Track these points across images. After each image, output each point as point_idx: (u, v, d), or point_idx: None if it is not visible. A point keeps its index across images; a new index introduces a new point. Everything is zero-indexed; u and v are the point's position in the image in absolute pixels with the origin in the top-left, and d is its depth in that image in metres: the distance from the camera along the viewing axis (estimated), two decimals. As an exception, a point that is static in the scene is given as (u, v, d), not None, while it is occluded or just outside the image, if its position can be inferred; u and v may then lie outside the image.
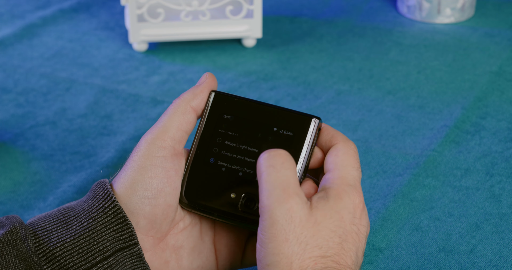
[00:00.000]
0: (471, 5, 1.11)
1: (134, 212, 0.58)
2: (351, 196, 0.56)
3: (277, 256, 0.53)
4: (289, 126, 0.59)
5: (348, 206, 0.55)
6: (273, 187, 0.54)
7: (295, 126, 0.59)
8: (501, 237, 0.71)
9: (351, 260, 0.55)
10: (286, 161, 0.55)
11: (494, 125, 0.87)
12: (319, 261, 0.53)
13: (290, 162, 0.55)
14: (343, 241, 0.55)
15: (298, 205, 0.54)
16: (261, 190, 0.54)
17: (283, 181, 0.54)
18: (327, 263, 0.53)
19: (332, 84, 0.96)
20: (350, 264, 0.55)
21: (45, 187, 0.79)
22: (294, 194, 0.54)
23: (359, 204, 0.56)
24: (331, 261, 0.54)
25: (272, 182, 0.54)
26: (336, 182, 0.56)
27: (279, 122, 0.59)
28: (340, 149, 0.58)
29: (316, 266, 0.53)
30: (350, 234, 0.55)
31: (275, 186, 0.54)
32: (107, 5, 1.16)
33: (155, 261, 0.59)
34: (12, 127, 0.88)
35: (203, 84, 0.61)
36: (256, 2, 1.01)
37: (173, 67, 1.00)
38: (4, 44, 1.05)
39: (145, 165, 0.58)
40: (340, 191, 0.56)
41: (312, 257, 0.53)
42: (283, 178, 0.54)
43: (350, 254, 0.55)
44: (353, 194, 0.56)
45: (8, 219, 0.58)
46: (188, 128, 0.60)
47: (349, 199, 0.56)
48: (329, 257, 0.54)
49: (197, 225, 0.62)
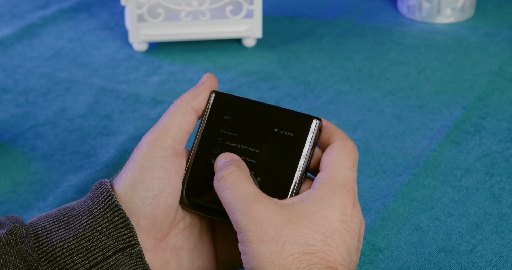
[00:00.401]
0: (471, 5, 1.11)
1: (134, 213, 0.58)
2: (338, 195, 0.56)
3: (257, 258, 0.54)
4: (290, 126, 0.59)
5: (333, 204, 0.56)
6: (235, 204, 0.55)
7: (296, 127, 0.59)
8: (501, 237, 0.71)
9: (341, 257, 0.55)
10: (236, 177, 0.56)
11: (494, 125, 0.87)
12: (302, 258, 0.53)
13: (240, 176, 0.56)
14: (327, 238, 0.55)
15: (263, 209, 0.54)
16: (228, 212, 0.56)
17: (240, 196, 0.55)
18: (312, 260, 0.54)
19: (332, 84, 0.96)
20: (341, 261, 0.55)
21: (45, 187, 0.79)
22: (255, 201, 0.55)
23: (349, 202, 0.56)
24: (316, 258, 0.54)
25: (232, 200, 0.55)
26: (324, 182, 0.57)
27: (280, 122, 0.59)
28: (335, 148, 0.58)
29: (300, 263, 0.53)
30: (338, 231, 0.55)
31: (235, 202, 0.55)
32: (107, 5, 1.16)
33: (155, 262, 0.59)
34: (12, 127, 0.88)
35: (203, 84, 0.61)
36: (256, 2, 1.01)
37: (173, 67, 1.00)
38: (4, 44, 1.05)
39: (146, 165, 0.58)
40: (325, 190, 0.56)
41: (293, 254, 0.53)
42: (239, 194, 0.55)
43: (339, 251, 0.55)
44: (341, 193, 0.56)
45: (8, 219, 0.58)
46: (189, 128, 0.60)
47: (335, 198, 0.56)
48: (313, 253, 0.54)
49: (197, 225, 0.62)
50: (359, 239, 0.57)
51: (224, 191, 0.56)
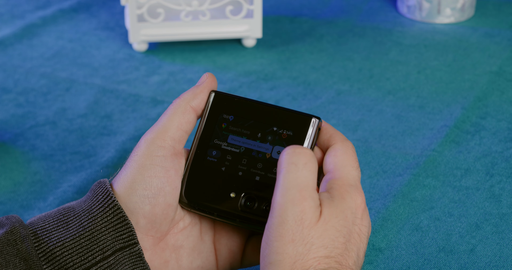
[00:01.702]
0: (471, 5, 1.11)
1: (134, 212, 0.58)
2: (353, 196, 0.56)
3: (280, 256, 0.53)
4: (289, 125, 0.59)
5: (350, 206, 0.55)
6: (290, 186, 0.54)
7: (295, 126, 0.59)
8: (501, 237, 0.71)
9: (352, 260, 0.55)
10: (309, 162, 0.54)
11: (494, 125, 0.87)
12: (322, 261, 0.53)
13: (313, 164, 0.55)
14: (347, 241, 0.55)
15: (311, 208, 0.54)
16: (277, 185, 0.54)
17: (301, 181, 0.54)
18: (330, 264, 0.53)
19: (332, 84, 0.96)
20: (351, 265, 0.55)
21: (45, 187, 0.79)
22: (309, 197, 0.54)
23: (361, 204, 0.56)
24: (334, 262, 0.54)
25: (291, 180, 0.54)
26: (337, 183, 0.56)
27: (279, 122, 0.59)
28: (338, 149, 0.58)
29: (319, 266, 0.53)
30: (352, 235, 0.55)
31: (292, 185, 0.54)
32: (107, 5, 1.16)
33: (155, 261, 0.59)
34: (12, 127, 0.88)
35: (203, 84, 0.61)
36: (256, 2, 1.01)
37: (173, 67, 1.00)
38: (4, 44, 1.05)
39: (145, 164, 0.58)
40: (342, 191, 0.56)
41: (316, 258, 0.53)
42: (302, 179, 0.54)
43: (351, 255, 0.55)
44: (355, 194, 0.56)
45: (8, 219, 0.58)
46: (188, 128, 0.60)
47: (351, 199, 0.56)
48: (333, 257, 0.54)
49: (197, 225, 0.62)
50: (367, 242, 0.57)
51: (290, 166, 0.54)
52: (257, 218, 0.58)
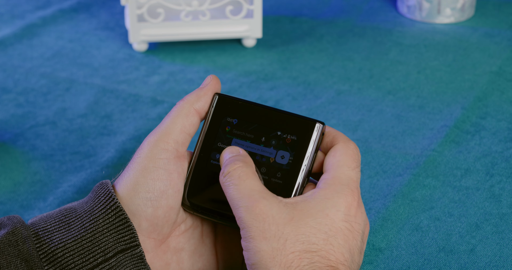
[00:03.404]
0: (471, 5, 1.12)
1: (136, 214, 0.58)
2: (342, 195, 0.56)
3: (258, 254, 0.54)
4: (293, 130, 0.59)
5: (337, 204, 0.56)
6: (239, 199, 0.55)
7: (299, 131, 0.59)
8: (501, 237, 0.71)
9: (343, 256, 0.55)
10: (242, 173, 0.56)
11: (494, 125, 0.87)
12: (303, 256, 0.54)
13: (246, 173, 0.56)
14: (329, 237, 0.55)
15: (267, 206, 0.55)
16: (232, 207, 0.56)
17: (245, 192, 0.55)
18: (313, 258, 0.54)
19: (332, 84, 0.96)
20: (342, 261, 0.55)
21: (45, 187, 0.79)
22: (260, 198, 0.55)
23: (353, 202, 0.56)
24: (317, 256, 0.54)
25: (236, 196, 0.56)
26: (329, 182, 0.57)
27: (283, 126, 0.59)
28: (338, 149, 0.58)
29: (301, 261, 0.53)
30: (341, 231, 0.55)
31: (240, 197, 0.55)
32: (107, 5, 1.16)
33: (156, 263, 0.59)
34: (12, 127, 0.88)
35: (207, 86, 0.61)
36: (256, 2, 1.01)
37: (173, 67, 1.00)
38: (4, 44, 1.05)
39: (147, 167, 0.58)
40: (330, 191, 0.56)
41: (295, 252, 0.54)
42: (244, 190, 0.56)
43: (341, 251, 0.55)
44: (345, 193, 0.56)
45: (9, 219, 0.58)
46: (191, 130, 0.60)
47: (339, 198, 0.56)
48: (315, 252, 0.54)
49: (198, 227, 0.62)
50: (363, 240, 0.57)
51: (230, 187, 0.56)
52: None
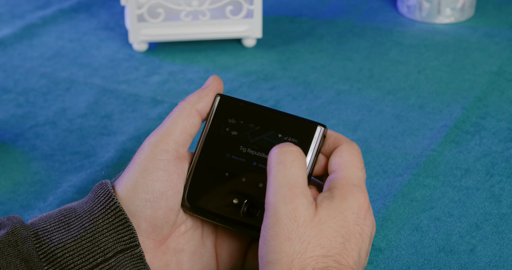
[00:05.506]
0: (471, 5, 1.11)
1: (135, 215, 0.58)
2: (356, 196, 0.56)
3: (278, 254, 0.53)
4: (294, 132, 0.59)
5: (352, 206, 0.55)
6: (281, 185, 0.54)
7: (300, 133, 0.59)
8: (501, 237, 0.71)
9: (353, 260, 0.55)
10: (297, 159, 0.55)
11: (494, 125, 0.87)
12: (320, 260, 0.53)
13: (301, 160, 0.55)
14: (345, 241, 0.55)
15: (303, 205, 0.54)
16: (268, 186, 0.54)
17: (291, 179, 0.54)
18: (328, 262, 0.53)
19: (332, 84, 0.96)
20: (352, 264, 0.55)
21: (45, 187, 0.79)
22: (300, 194, 0.54)
23: (364, 204, 0.56)
24: (332, 261, 0.54)
25: (280, 179, 0.54)
26: (341, 182, 0.56)
27: (285, 128, 0.59)
28: (344, 150, 0.58)
29: (317, 265, 0.53)
30: (353, 235, 0.55)
31: (282, 184, 0.54)
32: (107, 5, 1.16)
33: (155, 264, 0.59)
34: (12, 127, 0.88)
35: (209, 87, 0.61)
36: (256, 2, 1.01)
37: (173, 67, 1.00)
38: (4, 44, 1.05)
39: (147, 167, 0.58)
40: (345, 191, 0.56)
41: (313, 256, 0.53)
42: (292, 177, 0.54)
43: (352, 254, 0.55)
44: (358, 194, 0.56)
45: (9, 219, 0.58)
46: (192, 131, 0.59)
47: (354, 199, 0.56)
48: (331, 256, 0.54)
49: (198, 228, 0.61)
50: (370, 242, 0.57)
51: (279, 165, 0.54)
52: (259, 225, 0.58)
